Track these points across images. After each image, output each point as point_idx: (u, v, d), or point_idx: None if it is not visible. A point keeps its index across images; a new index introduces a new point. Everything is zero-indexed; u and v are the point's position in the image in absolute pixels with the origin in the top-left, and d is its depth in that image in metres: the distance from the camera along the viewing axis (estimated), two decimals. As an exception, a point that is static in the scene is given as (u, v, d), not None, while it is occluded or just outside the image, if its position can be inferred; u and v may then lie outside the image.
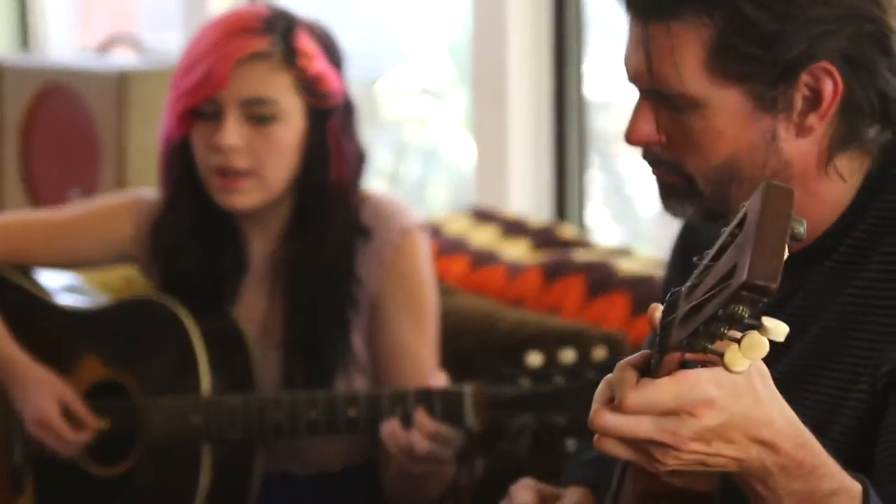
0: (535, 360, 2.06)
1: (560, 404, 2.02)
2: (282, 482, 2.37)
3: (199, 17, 4.14)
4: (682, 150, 1.62)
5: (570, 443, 2.03)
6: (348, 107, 2.35)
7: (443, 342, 2.40)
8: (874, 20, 1.58)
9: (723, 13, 1.54)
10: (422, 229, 2.39)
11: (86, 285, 2.80)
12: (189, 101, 2.27)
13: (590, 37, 3.40)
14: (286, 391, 2.29)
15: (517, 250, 2.88)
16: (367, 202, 2.37)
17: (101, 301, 2.66)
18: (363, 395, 2.15)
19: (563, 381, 2.03)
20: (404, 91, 4.43)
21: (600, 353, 2.04)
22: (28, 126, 3.79)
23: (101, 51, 4.01)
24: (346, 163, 2.34)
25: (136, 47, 4.01)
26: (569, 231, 3.00)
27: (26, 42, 5.28)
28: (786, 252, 1.13)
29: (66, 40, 5.21)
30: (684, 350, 1.24)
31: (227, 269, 2.38)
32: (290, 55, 2.26)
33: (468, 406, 2.07)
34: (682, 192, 1.64)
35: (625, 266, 2.63)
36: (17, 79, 3.84)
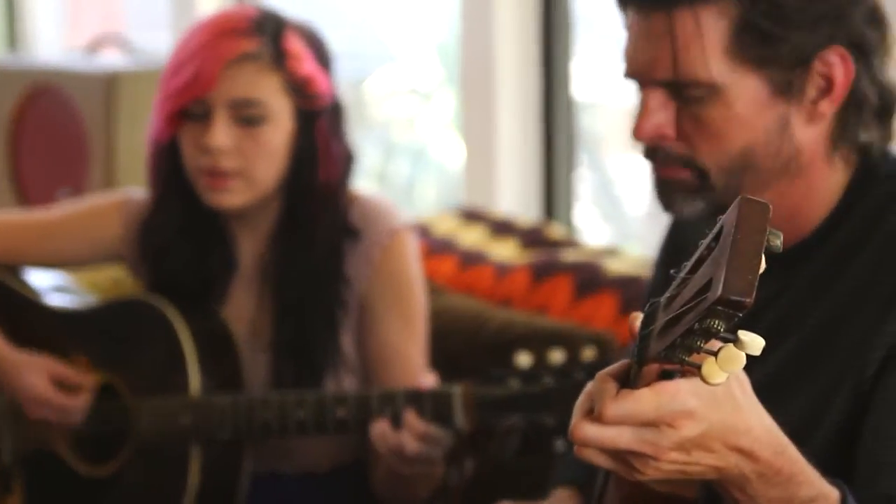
0: (524, 360, 2.06)
1: (549, 405, 2.02)
2: (271, 482, 2.37)
3: (188, 18, 4.15)
4: (698, 140, 1.61)
5: (559, 443, 2.03)
6: (337, 108, 2.35)
7: (431, 342, 2.40)
8: (875, 8, 1.61)
9: None
10: (410, 230, 2.39)
11: (74, 285, 2.80)
12: (177, 101, 2.27)
13: (577, 37, 3.40)
14: (275, 391, 2.29)
15: (505, 250, 2.88)
16: (355, 203, 2.38)
17: (90, 301, 2.66)
18: (352, 396, 2.15)
19: (552, 382, 2.04)
20: (393, 91, 4.43)
21: (589, 353, 2.04)
22: (17, 126, 3.79)
23: (89, 51, 4.01)
24: (335, 164, 2.34)
25: (125, 47, 4.00)
26: (557, 231, 3.00)
27: (14, 42, 5.28)
28: (762, 266, 1.13)
29: (54, 40, 5.21)
30: (662, 362, 1.24)
31: (216, 269, 2.38)
32: (279, 57, 2.27)
33: (457, 407, 2.08)
34: (692, 187, 1.63)
35: (613, 266, 2.63)
36: (6, 79, 3.83)
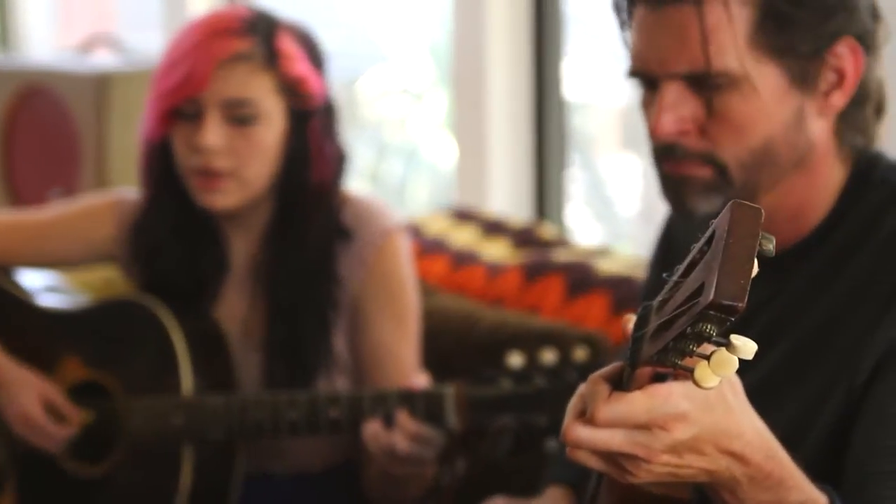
0: (515, 360, 2.06)
1: (541, 405, 2.03)
2: (263, 482, 2.38)
3: (180, 18, 4.15)
4: (719, 134, 1.60)
5: (551, 443, 2.03)
6: (330, 108, 2.35)
7: (423, 342, 2.41)
8: (874, 3, 1.62)
9: None
10: (402, 230, 2.39)
11: (67, 286, 2.80)
12: (170, 101, 2.27)
13: (569, 38, 3.41)
14: (267, 391, 2.29)
15: (497, 250, 2.88)
16: (348, 203, 2.38)
17: (82, 301, 2.66)
18: (345, 396, 2.15)
19: (543, 382, 2.04)
20: (385, 91, 4.43)
21: (581, 354, 2.04)
22: (8, 127, 3.79)
23: (81, 51, 4.01)
24: (327, 164, 2.34)
25: (116, 47, 4.00)
26: (549, 231, 3.01)
27: (6, 43, 5.27)
28: (754, 271, 1.13)
29: (46, 40, 5.20)
30: (655, 365, 1.24)
31: (208, 269, 2.38)
32: (271, 57, 2.27)
33: (449, 407, 2.08)
34: (712, 184, 1.62)
35: (604, 266, 2.64)
36: (-2, 80, 3.84)
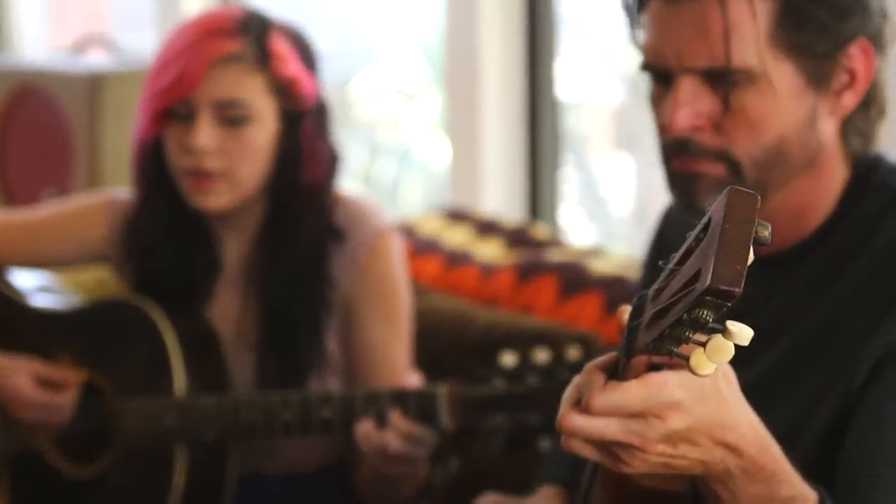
0: (508, 360, 2.07)
1: (534, 404, 2.03)
2: (256, 483, 2.38)
3: (173, 18, 4.14)
4: (734, 131, 1.60)
5: (544, 442, 2.03)
6: (322, 109, 2.35)
7: (417, 342, 2.41)
8: (883, 5, 1.62)
9: None
10: (395, 230, 2.39)
11: (59, 286, 2.79)
12: (162, 101, 2.27)
13: (562, 38, 3.41)
14: (260, 392, 2.29)
15: (491, 250, 2.89)
16: (340, 204, 2.38)
17: (75, 302, 2.66)
18: (337, 396, 2.15)
19: (536, 382, 2.04)
20: (378, 92, 4.43)
21: (574, 353, 2.05)
22: (2, 127, 3.78)
23: (74, 51, 4.00)
24: (319, 165, 2.34)
25: (109, 47, 4.00)
26: (542, 231, 3.01)
27: (-1, 43, 5.27)
28: (751, 256, 1.13)
29: (39, 40, 5.20)
30: (650, 353, 1.24)
31: (201, 269, 2.38)
32: (263, 57, 2.27)
33: (442, 406, 2.08)
34: (723, 182, 1.61)
35: (597, 266, 2.64)
36: (-9, 80, 3.83)
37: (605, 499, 1.46)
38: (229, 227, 2.37)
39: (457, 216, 3.09)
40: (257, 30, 2.28)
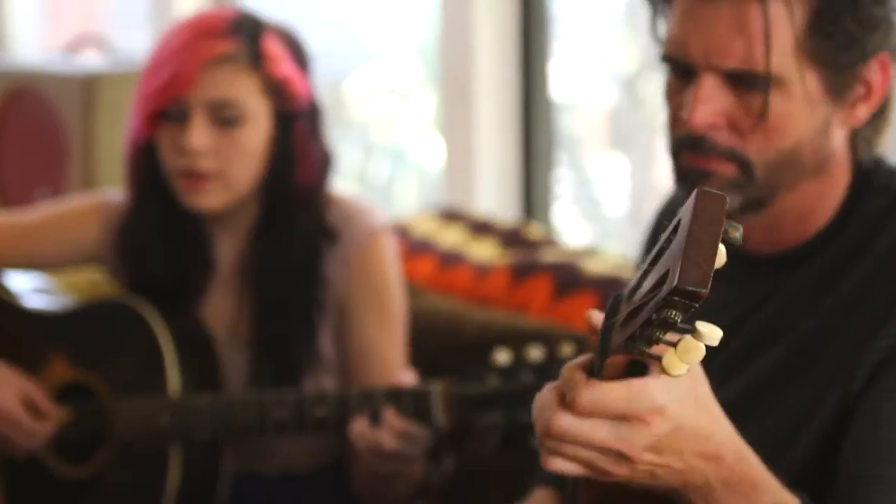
0: (503, 357, 2.07)
1: (528, 402, 2.00)
2: (251, 482, 2.38)
3: (167, 18, 4.14)
4: (751, 133, 1.59)
5: (537, 440, 2.03)
6: (315, 110, 2.36)
7: (411, 343, 2.41)
8: None
9: None
10: (388, 230, 2.39)
11: (53, 287, 2.79)
12: (155, 102, 2.27)
13: (556, 38, 3.41)
14: (254, 391, 2.29)
15: (485, 250, 2.88)
16: (334, 204, 2.38)
17: (69, 302, 2.66)
18: (332, 395, 2.15)
19: (531, 379, 2.04)
20: (372, 92, 4.43)
21: (568, 350, 2.05)
22: (-4, 128, 3.78)
23: (68, 51, 4.00)
24: (312, 165, 2.35)
25: (104, 48, 4.00)
26: (536, 231, 3.01)
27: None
28: (722, 258, 1.13)
29: (33, 41, 5.19)
30: (624, 353, 1.24)
31: (194, 270, 2.38)
32: (256, 58, 2.27)
33: (437, 404, 2.08)
34: (733, 182, 1.61)
35: (592, 266, 2.64)
36: (-15, 81, 3.83)
37: (592, 499, 1.46)
38: (223, 228, 2.38)
39: (451, 216, 3.09)
40: (250, 30, 2.29)
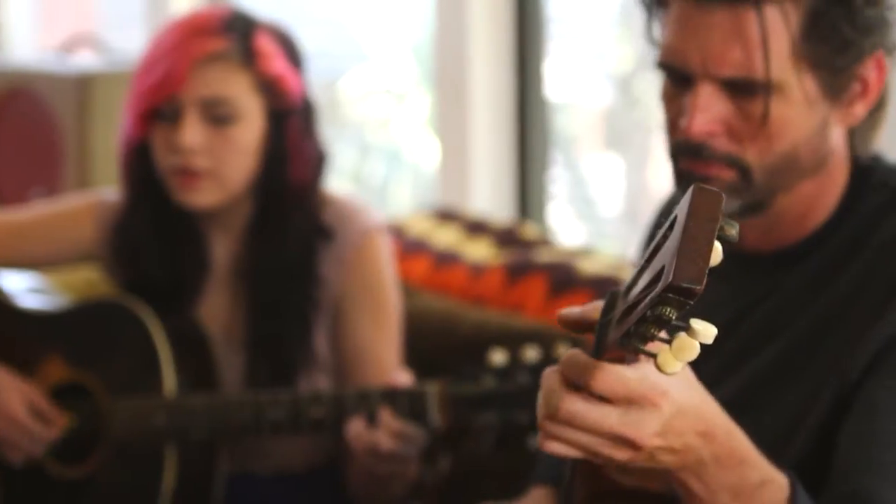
0: (498, 358, 2.07)
1: (524, 402, 2.02)
2: (246, 482, 2.37)
3: (161, 17, 4.14)
4: (750, 138, 1.60)
5: (534, 440, 2.03)
6: (308, 108, 2.36)
7: (406, 343, 2.41)
8: None
9: None
10: (383, 230, 2.39)
11: (49, 286, 2.79)
12: (148, 101, 2.27)
13: (551, 38, 3.41)
14: (250, 391, 2.29)
15: (480, 250, 2.88)
16: (329, 203, 2.38)
17: (64, 302, 2.66)
18: (328, 395, 2.15)
19: (526, 379, 2.04)
20: (367, 91, 4.43)
21: (564, 350, 2.04)
22: (-10, 127, 3.78)
23: (63, 51, 4.00)
24: (306, 164, 2.35)
25: (99, 48, 4.00)
26: (531, 231, 3.01)
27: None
28: (718, 255, 1.13)
29: (28, 41, 5.19)
30: (619, 350, 1.24)
31: (189, 269, 2.38)
32: (248, 55, 2.27)
33: (432, 404, 2.08)
34: (732, 187, 1.61)
35: (587, 266, 2.64)
36: (-21, 81, 3.82)
37: (585, 498, 1.46)
38: (217, 227, 2.37)
39: (446, 216, 3.09)
40: (243, 28, 2.29)
